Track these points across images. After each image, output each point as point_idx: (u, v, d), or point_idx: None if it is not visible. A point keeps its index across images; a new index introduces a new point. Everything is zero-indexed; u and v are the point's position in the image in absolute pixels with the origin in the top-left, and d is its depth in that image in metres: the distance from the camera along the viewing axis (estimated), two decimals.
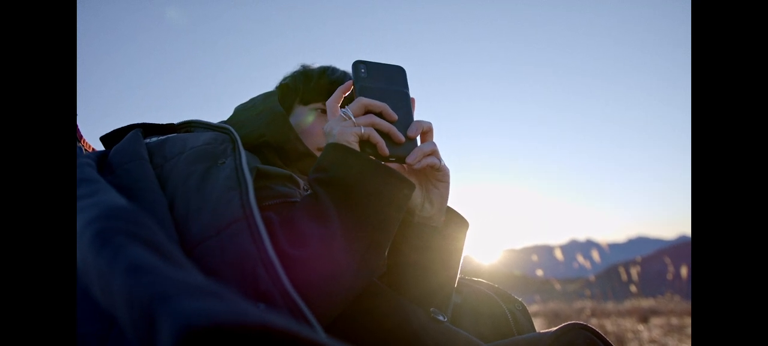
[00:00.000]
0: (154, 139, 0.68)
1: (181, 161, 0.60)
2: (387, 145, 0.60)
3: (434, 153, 0.62)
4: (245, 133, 0.75)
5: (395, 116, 0.62)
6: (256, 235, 0.48)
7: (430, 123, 0.64)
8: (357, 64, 0.64)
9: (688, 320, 5.02)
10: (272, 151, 0.77)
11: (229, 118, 0.82)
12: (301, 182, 0.69)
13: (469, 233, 0.71)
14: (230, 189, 0.53)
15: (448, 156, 0.66)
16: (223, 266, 0.47)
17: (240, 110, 0.82)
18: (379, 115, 0.61)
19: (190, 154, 0.60)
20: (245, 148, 0.71)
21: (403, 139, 0.61)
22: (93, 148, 0.84)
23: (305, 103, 0.85)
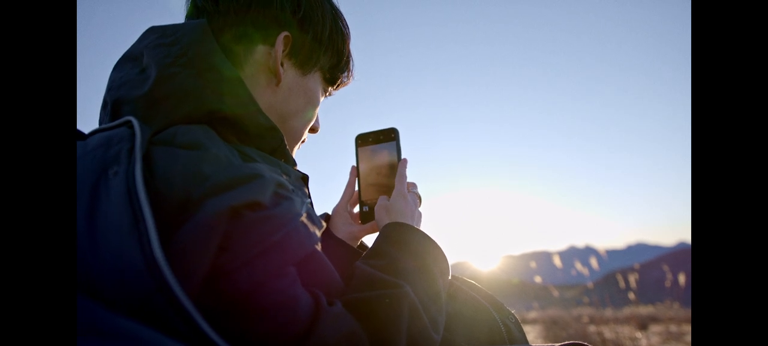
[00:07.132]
0: None
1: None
2: None
3: None
4: (188, 110, 0.54)
5: None
6: (190, 323, 0.35)
7: None
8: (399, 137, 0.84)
9: (687, 328, 5.01)
10: (227, 128, 0.57)
11: (150, 87, 0.54)
12: (290, 185, 0.54)
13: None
14: (124, 233, 0.37)
15: (446, 161, 0.68)
16: None
17: (165, 73, 0.55)
18: None
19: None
20: (191, 121, 0.53)
21: None
22: None
23: (317, 66, 0.70)
